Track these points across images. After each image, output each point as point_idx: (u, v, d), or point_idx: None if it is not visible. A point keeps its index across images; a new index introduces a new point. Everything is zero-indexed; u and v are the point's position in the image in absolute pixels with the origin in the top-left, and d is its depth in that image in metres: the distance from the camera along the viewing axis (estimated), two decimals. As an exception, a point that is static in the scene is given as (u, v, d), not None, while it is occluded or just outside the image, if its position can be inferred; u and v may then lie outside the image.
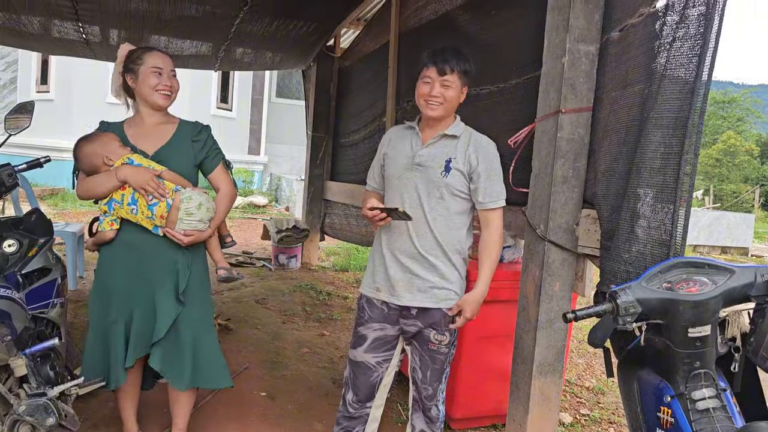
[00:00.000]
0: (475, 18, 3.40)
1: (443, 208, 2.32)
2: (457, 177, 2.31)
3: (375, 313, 2.40)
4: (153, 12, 4.62)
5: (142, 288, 2.40)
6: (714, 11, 1.82)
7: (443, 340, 2.36)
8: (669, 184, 1.93)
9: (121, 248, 2.42)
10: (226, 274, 2.60)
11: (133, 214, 2.34)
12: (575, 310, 1.75)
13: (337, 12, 5.24)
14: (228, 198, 2.57)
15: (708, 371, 1.66)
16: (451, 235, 2.34)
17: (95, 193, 2.39)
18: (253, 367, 3.71)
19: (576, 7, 2.41)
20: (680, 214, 1.90)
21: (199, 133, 2.53)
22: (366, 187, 2.60)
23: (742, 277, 1.65)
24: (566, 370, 4.11)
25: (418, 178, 2.33)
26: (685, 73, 1.91)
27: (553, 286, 2.55)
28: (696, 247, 14.07)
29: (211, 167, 2.55)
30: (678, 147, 1.90)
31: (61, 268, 2.83)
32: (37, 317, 2.53)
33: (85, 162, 2.39)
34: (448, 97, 2.30)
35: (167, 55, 2.44)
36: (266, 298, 5.38)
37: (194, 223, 2.38)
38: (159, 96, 2.41)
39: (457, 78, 2.29)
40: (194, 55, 5.96)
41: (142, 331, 2.41)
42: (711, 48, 1.81)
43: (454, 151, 2.33)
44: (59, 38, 5.34)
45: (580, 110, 2.46)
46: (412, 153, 2.36)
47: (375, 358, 2.41)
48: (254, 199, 13.13)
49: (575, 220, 2.50)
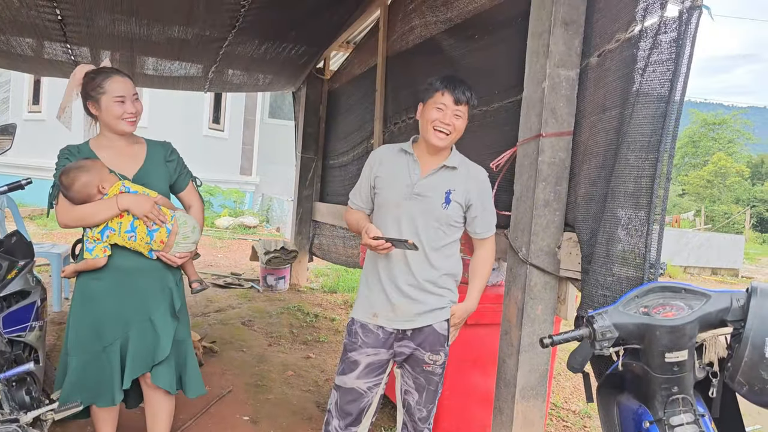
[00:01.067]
0: (458, 42, 3.44)
1: (440, 237, 2.33)
2: (456, 208, 2.33)
3: (369, 338, 2.36)
4: (142, 34, 4.64)
5: (136, 310, 2.39)
6: (686, 37, 1.84)
7: (438, 360, 2.36)
8: (642, 207, 1.95)
9: (112, 274, 2.37)
10: (200, 287, 2.62)
11: (131, 241, 2.31)
12: (552, 335, 1.75)
13: (326, 35, 5.29)
14: (201, 213, 2.63)
15: (686, 396, 1.65)
16: (447, 263, 2.36)
17: (91, 221, 2.30)
18: (237, 390, 3.66)
19: (556, 33, 2.43)
20: (654, 238, 1.91)
21: (171, 153, 2.54)
22: (350, 204, 2.53)
23: (717, 302, 1.66)
24: (553, 394, 4.09)
25: (417, 208, 2.31)
26: (657, 97, 1.94)
27: (535, 309, 2.55)
28: (686, 268, 14.12)
29: (183, 186, 2.57)
30: (650, 170, 1.91)
31: (40, 290, 2.81)
32: (14, 341, 2.50)
33: (80, 192, 2.28)
34: (458, 128, 2.29)
35: (127, 77, 2.40)
36: (253, 320, 5.34)
37: (189, 245, 2.42)
38: (125, 124, 2.38)
39: (467, 110, 2.30)
40: (184, 76, 5.99)
41: (141, 352, 2.39)
42: (683, 73, 1.83)
43: (453, 182, 2.33)
44: (49, 59, 5.35)
45: (561, 134, 2.48)
46: (411, 182, 2.33)
47: (367, 384, 2.38)
48: (245, 220, 13.11)
49: (557, 244, 2.50)
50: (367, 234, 2.25)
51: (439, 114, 2.25)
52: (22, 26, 4.47)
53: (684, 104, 1.89)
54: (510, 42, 2.92)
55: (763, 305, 1.60)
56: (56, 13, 4.14)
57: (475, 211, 2.36)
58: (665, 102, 1.89)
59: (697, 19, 1.83)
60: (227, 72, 6.09)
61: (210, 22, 4.42)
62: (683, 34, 1.84)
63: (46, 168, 2.47)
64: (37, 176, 4.93)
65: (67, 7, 4.04)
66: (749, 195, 36.43)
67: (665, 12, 1.97)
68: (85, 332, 2.39)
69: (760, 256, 21.31)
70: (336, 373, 2.45)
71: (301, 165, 6.82)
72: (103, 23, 4.35)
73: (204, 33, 4.66)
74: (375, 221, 2.40)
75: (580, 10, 2.45)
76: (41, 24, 4.33)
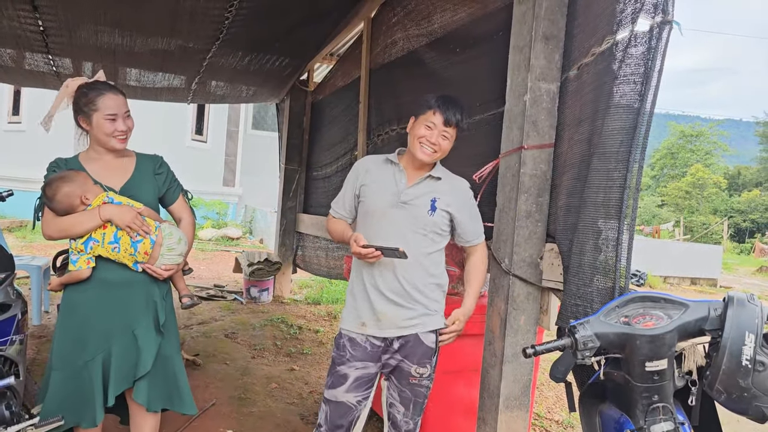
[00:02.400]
0: (440, 55, 3.48)
1: (426, 245, 2.35)
2: (442, 216, 2.36)
3: (358, 351, 2.36)
4: (124, 45, 4.63)
5: (120, 324, 2.35)
6: (656, 51, 1.89)
7: (425, 373, 2.36)
8: (612, 218, 1.98)
9: (96, 286, 2.34)
10: (190, 302, 2.60)
11: (114, 252, 2.29)
12: (535, 345, 1.76)
13: (310, 47, 5.31)
14: (191, 227, 2.59)
15: (666, 405, 1.68)
16: (433, 271, 2.37)
17: (73, 232, 2.29)
18: (221, 403, 3.64)
19: (537, 47, 2.48)
20: (624, 248, 1.94)
21: (161, 166, 2.53)
22: (332, 213, 2.54)
23: (696, 311, 1.69)
24: (536, 404, 4.11)
25: (404, 216, 2.34)
26: (627, 109, 1.98)
27: (518, 319, 2.57)
28: (666, 278, 14.28)
29: (173, 199, 2.55)
30: (620, 181, 1.95)
31: (21, 303, 2.77)
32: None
33: (63, 202, 2.28)
34: (443, 149, 2.34)
35: (120, 93, 2.39)
36: (236, 333, 5.30)
37: (174, 258, 2.39)
38: (116, 141, 2.37)
39: (455, 132, 2.35)
40: (167, 88, 5.97)
41: (123, 367, 2.35)
42: (653, 86, 1.88)
43: (438, 191, 2.37)
44: (29, 70, 5.31)
45: (542, 146, 2.52)
46: (397, 190, 2.35)
47: (356, 397, 2.37)
48: (228, 231, 13.04)
49: (539, 254, 2.53)
50: (356, 242, 2.26)
51: (427, 132, 2.30)
52: (3, 37, 4.44)
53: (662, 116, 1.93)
54: (491, 55, 2.96)
55: (740, 314, 1.63)
56: (38, 24, 4.11)
57: (462, 220, 2.39)
58: (635, 114, 1.93)
59: (668, 34, 1.87)
60: (211, 83, 6.09)
61: (194, 34, 4.43)
62: (654, 48, 1.88)
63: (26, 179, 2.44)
64: (18, 188, 4.87)
65: (50, 18, 4.02)
66: (727, 206, 37.02)
67: (635, 26, 2.02)
68: (68, 345, 2.36)
69: (737, 266, 21.64)
70: (325, 387, 2.44)
71: (284, 176, 6.81)
72: (86, 34, 4.33)
73: (187, 44, 4.66)
74: (359, 230, 2.41)
75: (560, 25, 2.49)
76: (23, 35, 4.30)
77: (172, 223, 2.50)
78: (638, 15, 2.00)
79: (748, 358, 1.59)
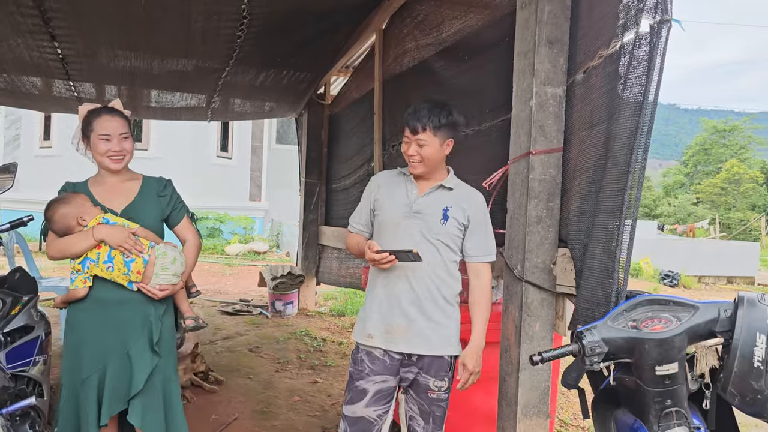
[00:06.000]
0: (449, 64, 3.48)
1: (440, 254, 2.32)
2: (454, 226, 2.33)
3: (377, 365, 2.34)
4: (142, 68, 4.73)
5: (115, 343, 2.40)
6: (656, 50, 1.87)
7: (443, 386, 2.34)
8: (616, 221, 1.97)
9: (93, 305, 2.42)
10: (194, 324, 2.63)
11: (109, 271, 2.36)
12: (542, 352, 1.75)
13: (324, 61, 5.36)
14: (195, 248, 2.62)
15: (680, 409, 1.65)
16: (447, 282, 2.35)
17: (70, 253, 2.38)
18: (243, 417, 3.67)
19: (541, 52, 2.46)
20: (622, 250, 1.92)
21: (165, 188, 2.57)
22: (350, 228, 2.57)
23: (705, 313, 1.66)
24: (561, 410, 4.05)
25: (417, 226, 2.33)
26: (634, 111, 1.96)
27: (533, 326, 2.54)
28: (701, 278, 13.97)
29: (177, 220, 2.59)
30: (623, 183, 1.93)
31: (44, 325, 2.84)
32: (18, 375, 2.53)
33: (60, 223, 2.38)
34: (425, 155, 2.30)
35: (119, 116, 2.46)
36: (260, 347, 5.35)
37: (169, 278, 2.41)
38: (110, 161, 2.43)
39: (432, 135, 2.28)
40: (185, 107, 6.08)
41: (117, 387, 2.39)
42: (653, 87, 1.86)
43: (450, 201, 2.35)
44: (54, 96, 5.46)
45: (551, 151, 2.50)
46: (408, 201, 2.36)
47: (376, 411, 2.35)
48: (255, 246, 13.17)
49: (552, 260, 2.51)
50: (369, 249, 2.26)
51: (406, 146, 2.35)
52: (27, 66, 4.58)
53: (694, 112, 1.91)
54: (498, 62, 2.96)
55: (751, 315, 1.60)
56: (57, 52, 4.24)
57: (472, 232, 2.36)
58: (638, 114, 1.92)
59: (667, 33, 1.86)
60: (228, 101, 6.18)
61: (207, 54, 4.51)
62: (654, 48, 1.87)
63: None
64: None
65: (67, 46, 4.14)
66: (765, 201, 36.07)
67: (640, 27, 2.00)
68: (68, 363, 2.44)
69: (777, 263, 21.04)
70: (343, 403, 2.43)
71: (305, 190, 6.87)
72: (104, 59, 4.45)
73: (203, 64, 4.75)
74: (375, 241, 2.41)
75: (563, 29, 2.48)
76: (44, 63, 4.44)
77: (176, 245, 2.53)
78: (641, 16, 1.99)
79: (760, 360, 1.56)
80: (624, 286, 1.94)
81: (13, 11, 3.52)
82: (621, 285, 1.94)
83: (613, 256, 1.98)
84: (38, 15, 3.57)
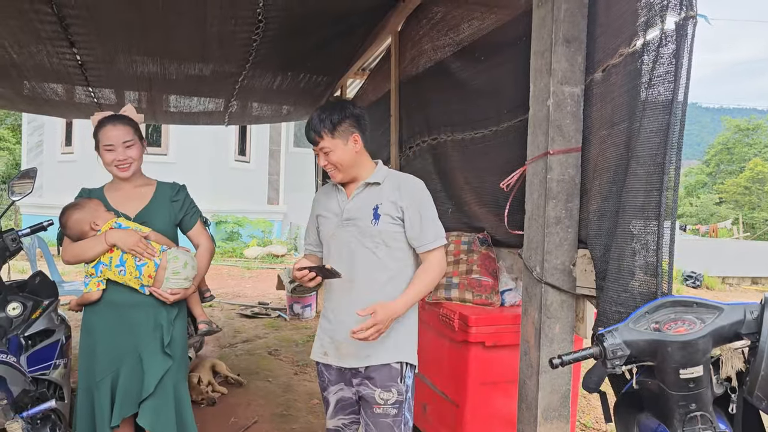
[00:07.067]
0: (466, 64, 3.46)
1: (379, 259, 2.23)
2: (388, 223, 2.22)
3: (332, 374, 2.31)
4: (160, 73, 4.77)
5: (128, 346, 2.43)
6: (683, 47, 1.83)
7: (390, 399, 2.20)
8: (651, 220, 1.92)
9: (107, 308, 2.46)
10: (207, 328, 2.65)
11: (121, 275, 2.39)
12: (562, 354, 1.72)
13: (340, 64, 5.36)
14: (208, 253, 2.63)
15: (705, 413, 1.61)
16: (390, 287, 2.24)
17: (84, 257, 2.43)
18: (263, 420, 3.67)
19: (558, 51, 2.43)
20: (664, 251, 1.87)
21: (177, 193, 2.60)
22: (304, 251, 2.54)
23: (731, 314, 1.62)
24: (583, 414, 4.00)
25: (351, 233, 2.25)
26: (662, 109, 1.92)
27: (553, 328, 2.51)
28: (725, 278, 13.74)
29: (190, 225, 2.62)
30: (657, 183, 1.89)
31: (65, 328, 2.87)
32: (38, 379, 2.56)
33: (74, 228, 2.43)
34: (335, 161, 2.23)
35: (121, 124, 2.48)
36: (279, 350, 5.36)
37: (180, 282, 2.43)
38: (117, 170, 2.49)
39: (331, 138, 2.21)
40: (203, 112, 6.13)
41: (129, 389, 2.42)
42: (683, 84, 1.82)
43: (380, 197, 2.25)
44: (74, 102, 5.54)
45: (569, 151, 2.46)
46: (340, 209, 2.30)
47: (342, 421, 2.31)
48: (273, 249, 13.22)
49: (571, 261, 2.47)
50: (294, 267, 2.20)
51: (318, 159, 2.28)
52: (47, 72, 4.64)
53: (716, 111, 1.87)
54: (515, 62, 2.93)
55: (778, 316, 1.56)
56: (76, 59, 4.29)
57: (410, 222, 2.23)
58: (668, 114, 1.87)
59: (693, 29, 1.82)
60: (246, 105, 6.21)
61: (224, 58, 4.54)
62: (680, 45, 1.83)
63: None
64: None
65: (86, 52, 4.19)
66: (792, 200, 35.45)
67: (665, 24, 1.97)
68: (83, 365, 2.48)
69: (803, 263, 20.61)
70: None
71: (322, 193, 6.86)
72: (122, 65, 4.50)
73: (220, 68, 4.78)
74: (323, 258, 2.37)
75: (580, 27, 2.44)
76: (63, 70, 4.50)
77: (188, 250, 2.55)
78: (666, 12, 1.95)
79: (789, 363, 1.51)
80: (669, 289, 1.89)
81: (32, 18, 3.57)
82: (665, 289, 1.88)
83: (639, 257, 1.94)
84: (57, 22, 3.62)
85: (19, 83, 4.94)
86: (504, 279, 3.04)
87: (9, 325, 2.56)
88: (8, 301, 2.62)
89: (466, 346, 2.82)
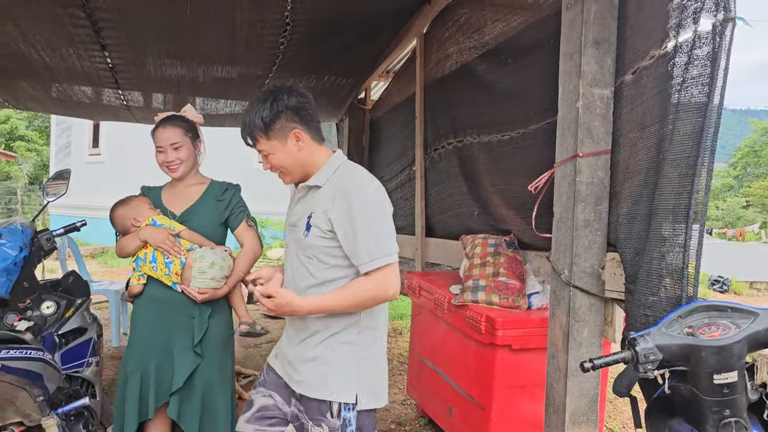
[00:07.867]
0: (493, 67, 3.45)
1: (311, 275, 1.93)
2: (317, 236, 1.88)
3: (270, 377, 2.09)
4: (188, 76, 4.84)
5: (161, 340, 2.50)
6: (720, 50, 1.81)
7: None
8: (681, 223, 1.91)
9: (148, 303, 2.57)
10: (248, 329, 2.67)
11: (154, 270, 2.48)
12: (593, 359, 1.71)
13: (365, 66, 5.38)
14: (251, 252, 2.66)
15: (739, 420, 1.59)
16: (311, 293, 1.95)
17: (126, 251, 2.57)
18: (288, 421, 3.69)
19: (587, 53, 2.42)
20: (692, 254, 1.86)
21: (224, 193, 2.65)
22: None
23: (766, 320, 1.60)
24: (610, 419, 3.96)
25: (293, 243, 1.99)
26: (696, 112, 1.90)
27: (581, 332, 2.50)
28: (753, 283, 13.50)
29: (236, 224, 2.66)
30: (689, 185, 1.87)
31: (97, 327, 2.92)
32: (72, 376, 2.61)
33: (118, 224, 2.58)
34: (277, 164, 1.97)
35: (171, 126, 2.56)
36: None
37: (206, 281, 2.47)
38: (168, 171, 2.60)
39: (266, 139, 1.93)
40: (230, 114, 6.19)
41: (161, 381, 2.50)
42: (719, 87, 1.80)
43: (315, 204, 1.93)
44: (103, 105, 5.64)
45: (598, 153, 2.45)
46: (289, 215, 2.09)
47: (256, 431, 2.06)
48: (296, 250, 13.28)
49: (600, 264, 2.46)
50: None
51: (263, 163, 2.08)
52: (78, 75, 4.73)
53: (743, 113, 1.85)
54: (543, 64, 2.92)
55: (815, 322, 1.54)
56: (107, 62, 4.37)
57: (344, 237, 1.85)
58: (702, 116, 1.86)
59: (731, 32, 1.80)
60: (272, 107, 6.24)
61: (251, 61, 4.58)
62: (718, 48, 1.81)
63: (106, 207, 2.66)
64: (99, 216, 5.17)
65: (117, 55, 4.27)
66: (820, 203, 34.75)
67: (698, 26, 1.95)
68: (125, 356, 2.61)
69: (833, 268, 20.16)
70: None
71: (346, 195, 6.89)
72: (151, 68, 4.56)
73: (246, 71, 4.83)
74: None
75: (610, 29, 2.43)
76: (94, 72, 4.58)
77: (224, 249, 2.58)
78: (700, 14, 1.93)
79: (826, 370, 1.49)
80: (694, 293, 1.87)
81: (66, 23, 3.64)
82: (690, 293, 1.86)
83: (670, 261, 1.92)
84: (89, 26, 3.69)
85: (49, 86, 5.05)
86: (531, 282, 3.03)
87: (43, 323, 2.62)
88: (43, 300, 2.67)
89: (492, 349, 2.82)
